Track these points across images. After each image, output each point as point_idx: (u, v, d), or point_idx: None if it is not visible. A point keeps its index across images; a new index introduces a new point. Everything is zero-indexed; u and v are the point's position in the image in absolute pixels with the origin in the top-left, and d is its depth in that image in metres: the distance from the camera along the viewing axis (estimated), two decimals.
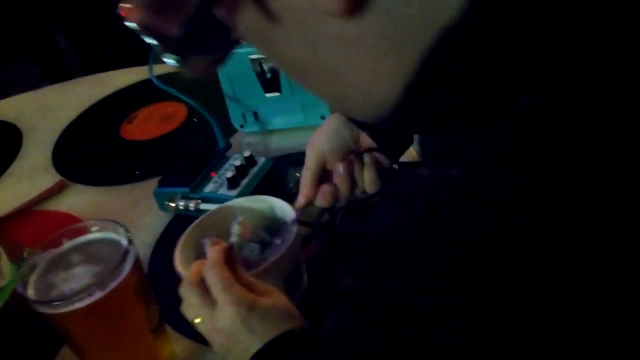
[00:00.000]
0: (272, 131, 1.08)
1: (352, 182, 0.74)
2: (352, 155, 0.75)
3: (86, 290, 0.58)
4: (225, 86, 1.04)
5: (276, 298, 0.59)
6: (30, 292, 0.61)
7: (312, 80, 0.40)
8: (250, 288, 0.59)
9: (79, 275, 0.61)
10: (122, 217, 0.95)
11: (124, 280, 0.60)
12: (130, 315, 0.63)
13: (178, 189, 0.92)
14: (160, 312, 0.68)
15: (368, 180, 0.74)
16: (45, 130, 1.23)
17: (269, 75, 1.01)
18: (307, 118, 1.05)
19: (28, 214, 1.02)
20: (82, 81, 1.40)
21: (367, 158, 0.75)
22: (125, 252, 0.60)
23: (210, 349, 0.73)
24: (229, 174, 0.90)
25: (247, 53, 0.99)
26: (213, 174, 0.93)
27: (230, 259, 0.61)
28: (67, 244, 0.65)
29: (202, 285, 0.59)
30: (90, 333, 0.61)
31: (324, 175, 0.76)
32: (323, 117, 1.04)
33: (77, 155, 1.15)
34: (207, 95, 1.17)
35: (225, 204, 0.79)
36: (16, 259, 0.88)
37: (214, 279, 0.58)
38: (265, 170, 0.93)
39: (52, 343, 0.73)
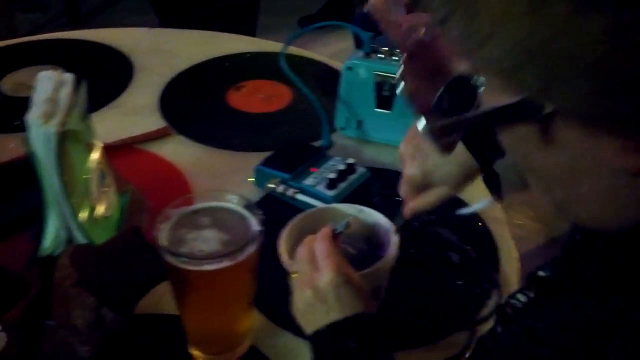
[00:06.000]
0: (368, 142, 1.13)
1: None
2: None
3: (218, 257, 0.64)
4: (342, 89, 1.09)
5: (362, 282, 0.68)
6: (163, 241, 0.67)
7: (542, 189, 0.45)
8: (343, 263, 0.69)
9: (208, 239, 0.68)
10: (219, 182, 1.03)
11: (249, 256, 0.66)
12: (241, 286, 0.69)
13: (280, 174, 0.98)
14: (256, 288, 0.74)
15: None
16: (157, 73, 1.30)
17: (386, 93, 1.06)
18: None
19: (129, 150, 1.09)
20: (196, 34, 1.46)
21: None
22: (258, 233, 0.67)
23: (278, 328, 0.80)
24: (331, 175, 0.96)
25: (374, 69, 1.05)
26: (313, 169, 0.99)
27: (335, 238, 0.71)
28: (198, 205, 0.72)
29: (313, 251, 0.69)
30: (204, 293, 0.68)
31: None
32: None
33: (183, 106, 1.21)
34: (314, 88, 1.24)
35: (333, 205, 0.85)
36: (119, 191, 0.94)
37: (322, 248, 0.69)
38: (362, 181, 0.99)
39: (147, 281, 0.79)
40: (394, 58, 1.05)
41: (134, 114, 1.18)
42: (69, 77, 0.79)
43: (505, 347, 0.46)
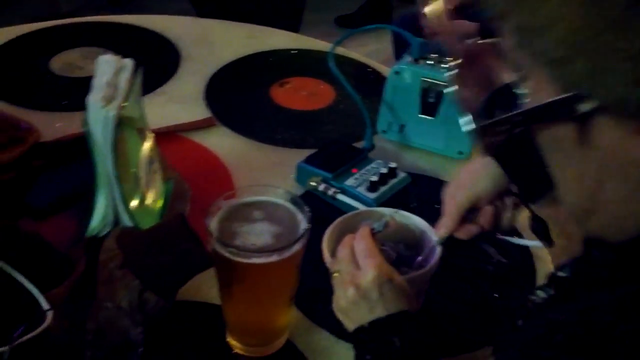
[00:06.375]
0: (408, 146, 1.14)
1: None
2: (498, 199, 0.82)
3: (266, 252, 0.65)
4: (387, 93, 1.10)
5: (402, 279, 0.69)
6: (214, 231, 0.69)
7: (570, 193, 0.47)
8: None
9: (260, 232, 0.69)
10: (259, 175, 1.04)
11: (296, 252, 0.68)
12: (285, 282, 0.71)
13: (322, 172, 0.99)
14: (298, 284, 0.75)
15: (508, 219, 0.82)
16: (202, 62, 1.31)
17: (431, 100, 1.07)
18: (446, 148, 1.11)
19: (173, 137, 1.11)
20: (241, 27, 1.47)
21: (508, 201, 0.82)
22: (305, 231, 0.68)
23: (314, 324, 0.81)
24: (373, 178, 0.97)
25: (421, 74, 1.05)
26: (354, 170, 1.00)
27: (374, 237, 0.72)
28: (248, 198, 0.73)
29: (353, 250, 0.70)
30: (249, 285, 0.69)
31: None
32: (461, 153, 1.10)
33: (228, 98, 1.22)
34: (354, 89, 1.24)
35: (375, 208, 0.86)
36: (164, 177, 0.96)
37: (362, 247, 0.70)
38: (402, 185, 1.00)
39: (190, 268, 0.80)
40: (442, 65, 1.05)
41: (179, 102, 1.20)
42: (128, 63, 0.81)
43: (526, 338, 0.48)
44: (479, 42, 0.72)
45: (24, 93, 1.21)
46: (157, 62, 1.31)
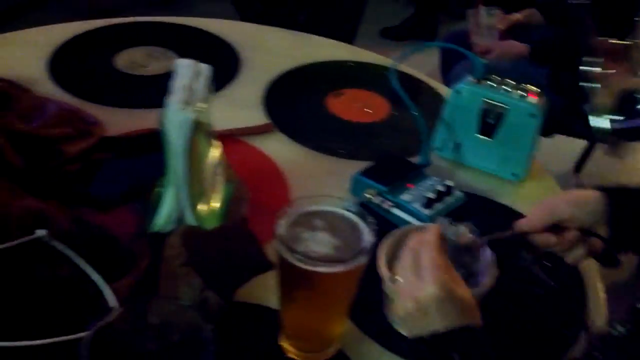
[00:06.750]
0: (462, 165, 1.15)
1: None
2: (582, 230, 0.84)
3: (333, 261, 0.67)
4: (447, 111, 1.11)
5: (467, 292, 0.69)
6: (282, 237, 0.70)
7: None
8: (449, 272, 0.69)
9: (321, 241, 0.70)
10: (315, 184, 1.06)
11: (361, 265, 0.69)
12: (346, 292, 0.72)
13: (377, 185, 1.00)
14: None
15: (577, 255, 0.84)
16: (261, 69, 1.34)
17: (491, 121, 1.07)
18: (500, 169, 1.12)
19: (231, 140, 1.13)
20: (296, 35, 1.50)
21: (592, 241, 0.84)
22: (372, 244, 0.69)
23: (365, 335, 0.83)
24: (430, 195, 0.98)
25: (482, 95, 1.06)
26: (410, 185, 1.01)
27: (442, 242, 0.70)
28: (314, 207, 0.75)
29: (418, 257, 0.69)
30: (310, 293, 0.71)
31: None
32: (514, 175, 1.11)
33: (285, 106, 1.25)
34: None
35: (432, 224, 0.87)
36: (226, 180, 0.98)
37: (427, 257, 0.68)
38: (457, 204, 1.01)
39: (249, 271, 0.83)
40: (503, 87, 1.06)
41: (238, 107, 1.22)
42: (205, 68, 0.83)
43: None
44: (616, 42, 0.75)
45: (88, 88, 1.24)
46: (217, 66, 1.33)
